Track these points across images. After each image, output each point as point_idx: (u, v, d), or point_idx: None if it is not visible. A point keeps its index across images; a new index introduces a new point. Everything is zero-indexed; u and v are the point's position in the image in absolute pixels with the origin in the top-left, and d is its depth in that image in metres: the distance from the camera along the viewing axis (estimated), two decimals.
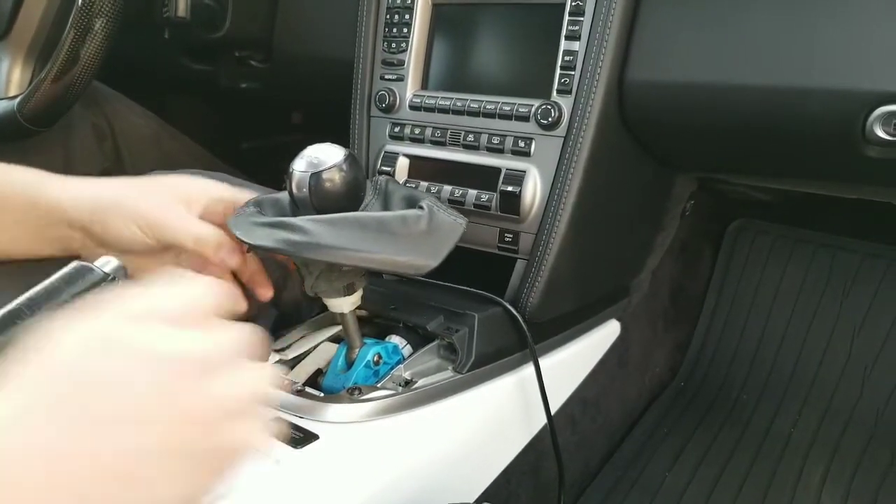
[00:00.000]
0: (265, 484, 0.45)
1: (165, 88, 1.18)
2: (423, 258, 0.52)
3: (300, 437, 0.50)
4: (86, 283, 0.45)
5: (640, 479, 0.95)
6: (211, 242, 0.54)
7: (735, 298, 1.18)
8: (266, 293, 0.59)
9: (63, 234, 0.55)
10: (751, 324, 1.16)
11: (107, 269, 0.46)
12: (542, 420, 0.73)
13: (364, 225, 0.51)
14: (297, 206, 0.53)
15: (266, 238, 0.50)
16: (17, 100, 0.68)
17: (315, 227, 0.50)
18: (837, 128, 0.60)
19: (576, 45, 0.66)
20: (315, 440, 0.50)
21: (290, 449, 0.48)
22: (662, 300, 1.09)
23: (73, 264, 0.46)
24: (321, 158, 0.53)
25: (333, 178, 0.53)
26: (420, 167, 0.75)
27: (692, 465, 0.98)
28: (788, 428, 1.04)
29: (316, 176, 0.52)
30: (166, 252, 0.55)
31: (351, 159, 0.54)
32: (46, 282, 0.44)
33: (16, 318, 0.42)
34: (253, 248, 0.53)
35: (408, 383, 0.60)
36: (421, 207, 0.54)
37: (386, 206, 0.59)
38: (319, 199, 0.53)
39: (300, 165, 0.54)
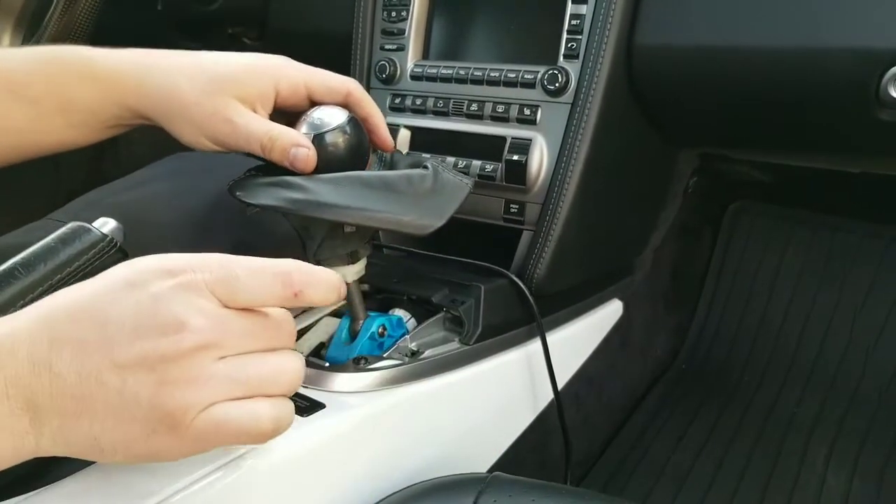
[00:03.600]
0: (273, 450, 0.43)
1: None
2: (429, 217, 0.50)
3: (306, 406, 0.48)
4: (83, 244, 0.43)
5: (645, 459, 0.94)
6: (280, 145, 0.49)
7: (735, 280, 1.18)
8: None
9: (139, 122, 0.53)
10: (752, 305, 1.15)
11: (105, 230, 0.44)
12: (549, 396, 0.71)
13: (368, 183, 0.49)
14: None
15: (267, 196, 0.48)
16: None
17: (317, 186, 0.48)
18: (850, 89, 0.59)
19: (583, 9, 0.65)
20: (321, 409, 0.48)
21: (296, 417, 0.47)
22: (663, 282, 1.08)
23: (71, 224, 0.44)
24: (324, 120, 0.52)
25: (336, 141, 0.51)
26: (422, 139, 0.74)
27: (696, 446, 0.97)
28: (792, 408, 1.03)
29: (319, 137, 0.51)
30: None
31: (354, 122, 0.53)
32: (43, 241, 0.43)
33: (10, 277, 0.40)
34: (254, 209, 0.51)
35: (414, 354, 0.58)
36: (425, 167, 0.52)
37: None
38: (322, 162, 0.51)
39: (303, 128, 0.52)
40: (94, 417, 0.33)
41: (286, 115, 0.53)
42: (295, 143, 0.49)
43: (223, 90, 0.49)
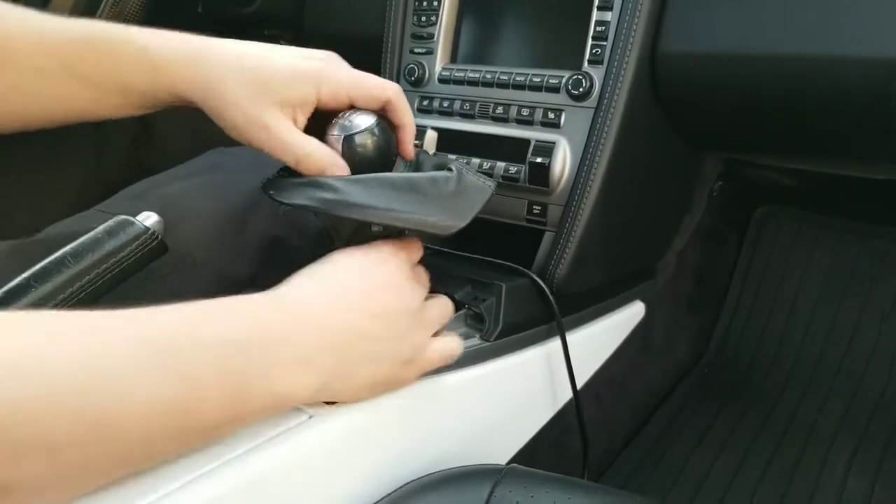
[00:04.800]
0: (300, 434, 0.46)
1: None
2: (452, 218, 0.52)
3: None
4: (127, 236, 0.46)
5: (664, 460, 0.95)
6: (314, 163, 0.51)
7: (760, 284, 1.17)
8: None
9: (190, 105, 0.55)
10: (776, 310, 1.15)
11: (147, 224, 0.47)
12: (568, 394, 0.73)
13: (394, 185, 0.51)
14: None
15: (299, 196, 0.51)
16: None
17: (346, 186, 0.50)
18: (869, 98, 0.59)
19: (608, 16, 0.66)
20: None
21: (322, 404, 0.49)
22: (687, 284, 1.09)
23: (116, 217, 0.47)
24: (354, 122, 0.54)
25: (365, 143, 0.53)
26: (449, 140, 0.75)
27: (715, 449, 0.98)
28: (814, 414, 1.03)
29: (349, 139, 0.53)
30: None
31: (383, 124, 0.55)
32: (91, 233, 0.45)
33: (61, 265, 0.43)
34: (286, 207, 0.54)
35: None
36: (450, 169, 0.54)
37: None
38: (351, 163, 0.54)
39: (333, 130, 0.54)
40: (377, 361, 0.47)
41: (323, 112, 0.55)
42: (331, 164, 0.51)
43: (265, 96, 0.50)
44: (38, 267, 0.42)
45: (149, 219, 0.47)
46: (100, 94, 0.53)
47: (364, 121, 0.54)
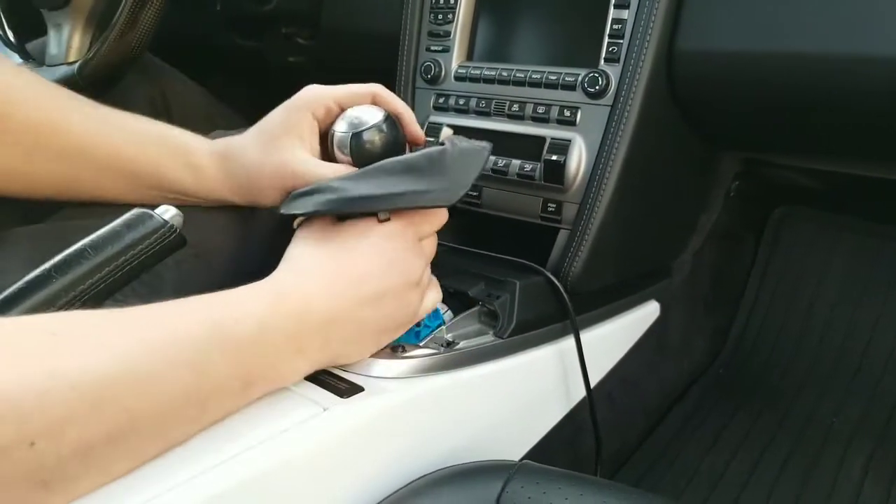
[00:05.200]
0: (314, 426, 0.46)
1: (212, 66, 1.20)
2: (453, 187, 0.52)
3: (346, 388, 0.51)
4: (146, 229, 0.47)
5: (678, 460, 0.94)
6: None
7: (778, 285, 1.16)
8: None
9: (217, 202, 0.60)
10: (793, 311, 1.14)
11: (166, 217, 0.48)
12: (581, 393, 0.73)
13: (389, 170, 0.51)
14: None
15: (304, 205, 0.51)
16: (77, 64, 0.70)
17: (343, 184, 0.51)
18: (891, 98, 0.59)
19: (625, 14, 0.66)
20: (360, 391, 0.51)
21: (336, 398, 0.49)
22: (703, 284, 1.08)
23: (135, 211, 0.47)
24: (362, 119, 0.54)
25: (374, 139, 0.54)
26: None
27: (730, 450, 0.97)
28: (830, 416, 1.02)
29: (357, 136, 0.54)
30: None
31: (391, 120, 0.55)
32: (109, 226, 0.46)
33: (80, 257, 0.44)
34: (295, 218, 0.54)
35: (449, 344, 0.61)
36: (441, 143, 0.55)
37: None
38: (361, 159, 0.54)
39: (341, 127, 0.55)
40: (367, 338, 0.51)
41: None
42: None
43: (277, 144, 0.55)
44: (58, 258, 0.43)
45: (167, 212, 0.48)
46: (137, 185, 0.58)
47: (372, 116, 0.54)
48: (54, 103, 0.56)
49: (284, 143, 0.55)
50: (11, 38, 0.80)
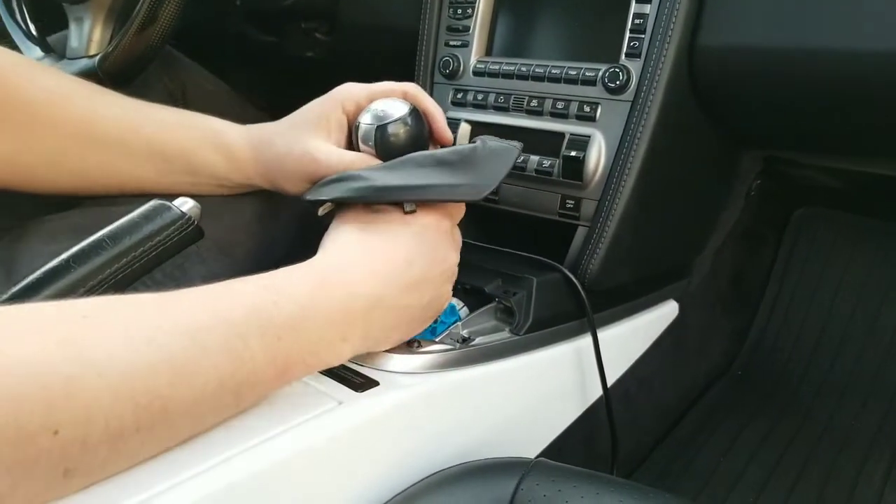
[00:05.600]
0: (329, 420, 0.46)
1: (232, 60, 1.20)
2: (483, 180, 0.52)
3: (361, 382, 0.51)
4: (164, 221, 0.47)
5: (694, 462, 0.93)
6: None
7: (798, 288, 1.15)
8: None
9: (254, 186, 0.61)
10: (813, 314, 1.13)
11: (184, 209, 0.48)
12: (597, 392, 0.72)
13: (420, 163, 0.52)
14: None
15: (331, 192, 0.52)
16: (98, 57, 0.70)
17: (374, 173, 0.51)
18: None
19: (647, 8, 0.65)
20: (375, 386, 0.51)
21: (351, 392, 0.49)
22: (722, 285, 1.07)
23: (153, 202, 0.47)
24: (387, 112, 0.55)
25: (398, 132, 0.54)
26: (482, 133, 0.75)
27: (747, 453, 0.96)
28: (850, 421, 1.00)
29: (381, 129, 0.54)
30: None
31: (416, 113, 0.55)
32: (128, 217, 0.46)
33: (98, 248, 0.44)
34: (320, 205, 0.54)
35: (465, 340, 0.60)
36: (473, 141, 0.55)
37: None
38: (385, 151, 0.54)
39: (366, 119, 0.55)
40: (407, 325, 0.51)
41: None
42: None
43: (305, 133, 0.56)
44: (76, 248, 0.43)
45: (185, 204, 0.48)
46: (171, 170, 0.59)
47: (397, 109, 0.55)
48: (84, 97, 0.56)
49: (311, 133, 0.55)
50: (34, 32, 0.81)
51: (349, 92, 0.57)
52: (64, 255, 0.43)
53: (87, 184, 0.58)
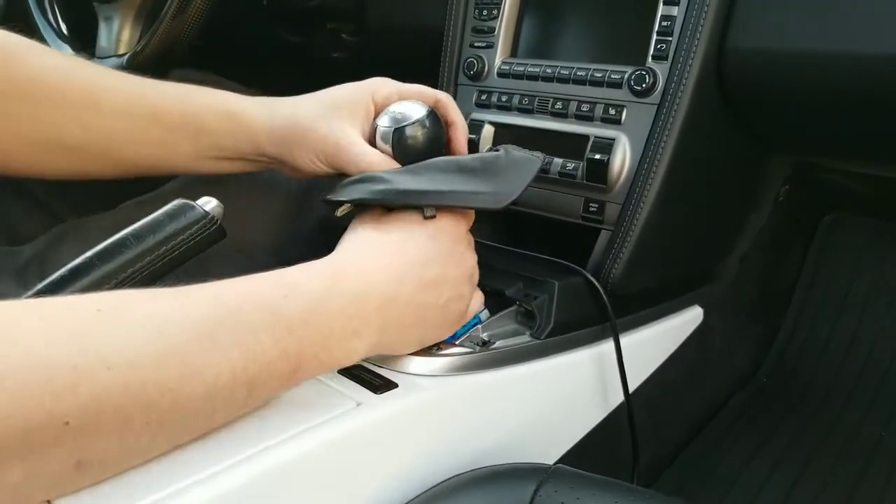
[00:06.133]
0: (347, 421, 0.46)
1: (258, 61, 1.21)
2: (502, 192, 0.52)
3: (380, 384, 0.51)
4: (187, 220, 0.47)
5: (717, 470, 0.92)
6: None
7: (826, 295, 1.13)
8: None
9: (258, 160, 0.60)
10: (841, 322, 1.10)
11: (207, 209, 0.48)
12: (619, 398, 0.71)
13: (442, 168, 0.52)
14: None
15: (352, 192, 0.52)
16: (126, 56, 0.72)
17: (395, 177, 0.51)
18: None
19: (674, 10, 0.64)
20: (394, 388, 0.51)
21: (370, 394, 0.49)
22: (748, 291, 1.05)
23: (177, 201, 0.48)
24: (405, 114, 0.55)
25: (416, 134, 0.54)
26: (505, 135, 0.75)
27: (772, 462, 0.94)
28: (878, 432, 0.98)
29: (399, 131, 0.54)
30: None
31: (433, 116, 0.56)
32: (151, 216, 0.47)
33: (122, 246, 0.44)
34: (340, 205, 0.54)
35: (485, 344, 0.60)
36: (496, 149, 0.55)
37: None
38: (402, 154, 0.54)
39: (384, 121, 0.55)
40: (425, 326, 0.50)
41: None
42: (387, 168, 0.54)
43: (334, 114, 0.55)
44: (101, 247, 0.44)
45: (208, 203, 0.48)
46: (175, 138, 0.57)
47: (415, 112, 0.55)
48: (87, 72, 0.56)
49: (339, 115, 0.55)
50: (64, 31, 0.82)
51: (382, 84, 0.57)
52: (88, 253, 0.43)
53: (85, 161, 0.57)
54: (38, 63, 0.54)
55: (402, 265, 0.48)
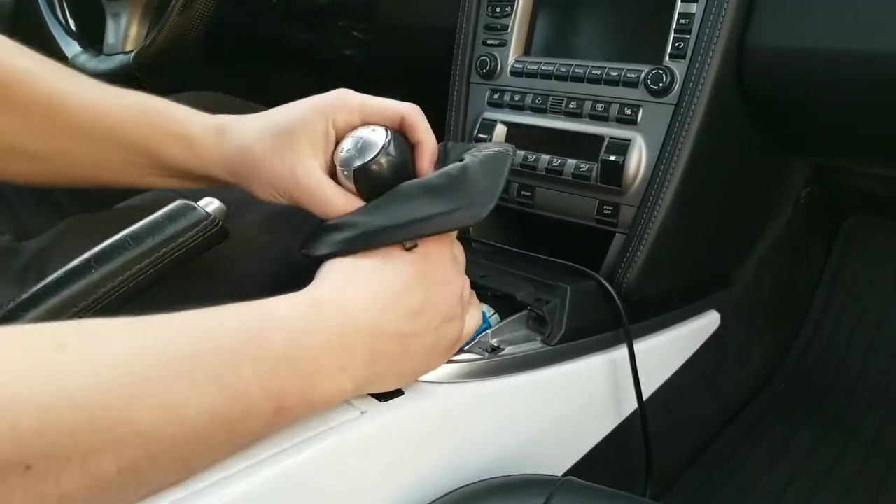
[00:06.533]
0: (350, 430, 0.45)
1: (267, 60, 1.20)
2: (478, 203, 0.48)
3: (384, 392, 0.49)
4: (188, 221, 0.46)
5: (734, 477, 0.90)
6: (336, 212, 0.50)
7: (846, 299, 1.10)
8: None
9: (211, 181, 0.56)
10: (863, 327, 1.08)
11: (209, 210, 0.47)
12: (632, 406, 0.70)
13: (408, 194, 0.48)
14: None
15: (323, 246, 0.48)
16: (133, 53, 0.71)
17: (363, 217, 0.48)
18: None
19: (693, 7, 0.62)
20: (399, 395, 0.49)
21: (374, 401, 0.48)
22: (767, 295, 1.03)
23: (178, 202, 0.47)
24: (367, 142, 0.49)
25: (381, 167, 0.49)
26: (518, 135, 0.73)
27: (791, 469, 0.92)
28: None
29: (362, 168, 0.49)
30: None
31: (397, 139, 0.50)
32: (151, 217, 0.45)
33: (120, 248, 0.43)
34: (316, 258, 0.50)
35: (494, 350, 0.58)
36: (461, 159, 0.50)
37: None
38: (368, 189, 0.49)
39: (345, 155, 0.49)
40: (414, 357, 0.47)
41: None
42: (350, 208, 0.50)
43: (289, 145, 0.50)
44: (98, 248, 0.43)
45: (210, 204, 0.47)
46: (131, 158, 0.54)
47: (377, 138, 0.49)
48: (51, 79, 0.53)
49: (295, 146, 0.50)
50: (73, 27, 0.81)
51: (343, 104, 0.51)
52: (86, 255, 0.42)
53: (49, 171, 0.55)
54: (11, 65, 0.51)
55: (383, 296, 0.45)
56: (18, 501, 0.29)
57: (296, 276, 0.46)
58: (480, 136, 0.75)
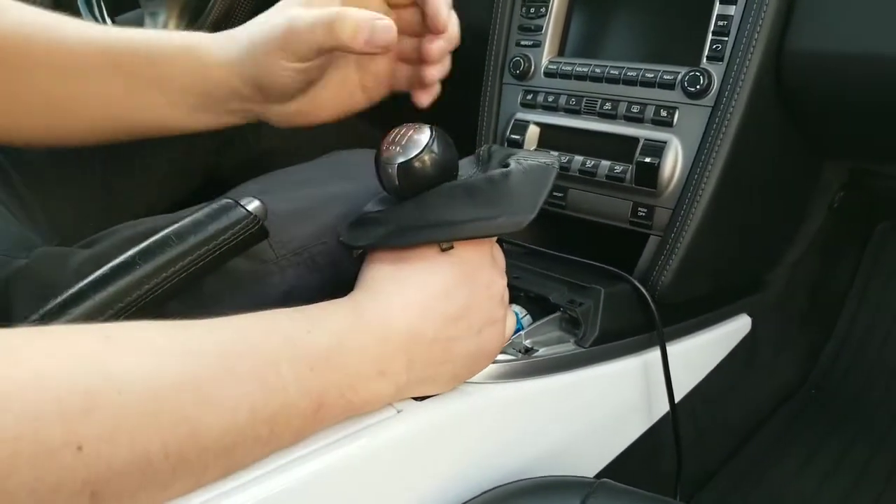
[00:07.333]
0: (387, 428, 0.45)
1: None
2: (521, 212, 0.47)
3: None
4: (230, 219, 0.46)
5: (762, 483, 0.89)
6: (346, 28, 0.49)
7: (879, 305, 1.09)
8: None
9: (237, 109, 0.56)
10: (894, 334, 1.06)
11: (250, 208, 0.47)
12: (663, 409, 0.69)
13: (449, 194, 0.47)
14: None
15: (361, 237, 0.48)
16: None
17: (403, 213, 0.47)
18: None
19: (731, 10, 0.62)
20: (435, 394, 0.49)
21: (410, 400, 0.48)
22: (799, 300, 1.02)
23: (220, 201, 0.47)
24: (407, 144, 0.48)
25: (424, 164, 0.47)
26: (551, 136, 0.73)
27: (820, 476, 0.91)
28: None
29: (405, 165, 0.47)
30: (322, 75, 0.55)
31: (440, 135, 0.49)
32: (193, 215, 0.46)
33: (164, 245, 0.44)
34: (355, 250, 0.50)
35: (528, 351, 0.58)
36: (507, 165, 0.50)
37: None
38: (413, 187, 0.48)
39: (386, 158, 0.48)
40: (456, 361, 0.46)
41: None
42: (370, 17, 0.48)
43: (276, 9, 0.51)
44: (143, 245, 0.43)
45: (251, 203, 0.47)
46: (137, 85, 0.54)
47: (418, 138, 0.48)
48: (51, 27, 0.53)
49: (282, 6, 0.51)
50: (110, 25, 0.83)
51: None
52: (131, 252, 0.43)
53: (62, 123, 0.55)
54: (10, 19, 0.51)
55: (423, 300, 0.45)
56: (70, 484, 0.30)
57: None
58: (513, 136, 0.75)
